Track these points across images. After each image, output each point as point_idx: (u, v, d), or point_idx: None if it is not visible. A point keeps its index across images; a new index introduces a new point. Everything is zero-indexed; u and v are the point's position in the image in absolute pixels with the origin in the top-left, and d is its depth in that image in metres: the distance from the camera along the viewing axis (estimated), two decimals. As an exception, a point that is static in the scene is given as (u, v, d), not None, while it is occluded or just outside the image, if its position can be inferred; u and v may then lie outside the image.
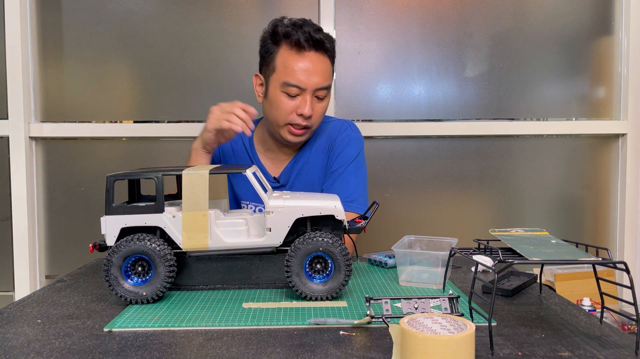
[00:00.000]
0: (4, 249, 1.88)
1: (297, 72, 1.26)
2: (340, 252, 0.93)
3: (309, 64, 1.27)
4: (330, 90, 1.34)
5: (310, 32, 1.26)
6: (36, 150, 1.88)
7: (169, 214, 0.94)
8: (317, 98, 1.30)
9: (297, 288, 0.93)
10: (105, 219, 0.95)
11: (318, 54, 1.29)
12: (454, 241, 1.10)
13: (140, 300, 0.93)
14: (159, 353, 0.71)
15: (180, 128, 1.88)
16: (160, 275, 0.93)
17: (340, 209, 0.96)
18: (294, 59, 1.27)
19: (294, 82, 1.26)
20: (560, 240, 0.87)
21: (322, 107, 1.32)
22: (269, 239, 0.95)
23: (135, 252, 0.93)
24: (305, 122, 1.30)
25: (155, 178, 0.95)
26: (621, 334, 0.78)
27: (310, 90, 1.28)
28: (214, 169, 0.96)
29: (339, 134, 1.41)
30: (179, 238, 0.94)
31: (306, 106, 1.27)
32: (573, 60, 1.94)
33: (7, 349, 0.73)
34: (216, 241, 0.95)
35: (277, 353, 0.71)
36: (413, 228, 1.90)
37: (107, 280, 0.93)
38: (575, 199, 1.98)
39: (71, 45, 1.87)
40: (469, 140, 1.93)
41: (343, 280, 0.93)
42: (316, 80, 1.27)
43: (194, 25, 1.87)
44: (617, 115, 1.96)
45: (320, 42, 1.28)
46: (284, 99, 1.28)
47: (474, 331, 0.62)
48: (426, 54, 1.91)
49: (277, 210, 0.95)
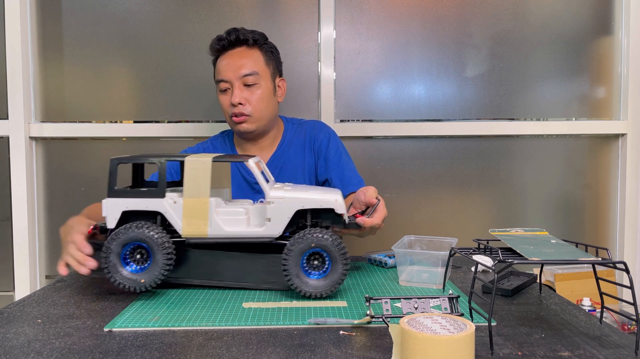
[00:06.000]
0: (4, 249, 1.88)
1: (221, 69, 1.42)
2: (333, 243, 0.93)
3: (229, 59, 1.41)
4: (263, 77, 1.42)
5: (227, 37, 1.42)
6: (36, 150, 1.88)
7: (170, 200, 0.94)
8: (247, 86, 1.41)
9: (299, 289, 0.93)
10: (107, 201, 0.95)
11: (239, 48, 1.42)
12: (454, 241, 1.10)
13: (139, 288, 0.93)
14: (159, 353, 0.71)
15: (180, 128, 1.88)
16: (159, 263, 0.92)
17: (340, 203, 0.96)
18: (218, 62, 1.45)
19: (219, 77, 1.42)
20: (560, 240, 0.87)
21: (256, 95, 1.41)
22: (268, 229, 0.95)
23: (134, 239, 0.92)
24: (240, 110, 1.39)
25: (159, 163, 0.95)
26: (621, 334, 0.78)
27: (235, 80, 1.40)
28: (217, 157, 0.96)
29: (317, 132, 1.52)
30: (178, 224, 0.94)
31: (235, 95, 1.39)
32: (573, 60, 1.94)
33: (7, 349, 0.73)
34: (216, 229, 0.95)
35: (277, 353, 0.71)
36: (413, 228, 1.90)
37: (105, 267, 0.92)
38: (575, 199, 1.98)
39: (71, 45, 1.87)
40: (469, 140, 1.93)
41: (342, 271, 0.93)
42: (238, 70, 1.40)
43: (194, 25, 1.87)
44: (617, 115, 1.96)
45: (237, 39, 1.42)
46: (221, 97, 1.44)
47: (474, 331, 0.62)
48: (426, 54, 1.91)
49: (277, 201, 0.95)
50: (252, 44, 1.43)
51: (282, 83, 1.52)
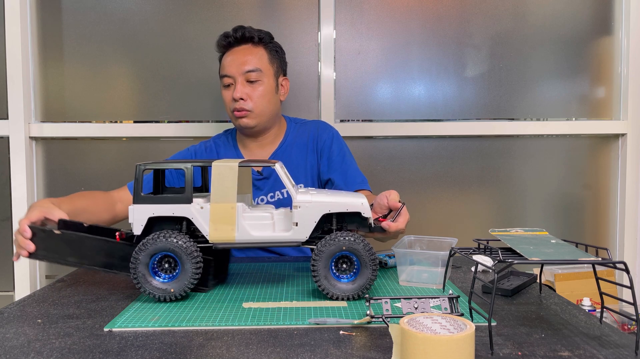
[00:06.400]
0: (4, 249, 1.88)
1: (226, 65, 1.46)
2: (364, 248, 0.93)
3: (234, 56, 1.45)
4: (266, 74, 1.45)
5: (234, 34, 1.46)
6: (36, 150, 1.88)
7: (197, 205, 0.94)
8: (250, 82, 1.44)
9: (327, 291, 0.93)
10: (134, 208, 0.95)
11: (244, 46, 1.46)
12: (454, 241, 1.10)
13: (169, 297, 0.93)
14: (159, 353, 0.71)
15: (180, 128, 1.88)
16: (188, 272, 0.93)
17: (366, 206, 0.96)
18: (224, 58, 1.48)
19: (223, 72, 1.46)
20: (560, 240, 0.87)
21: (258, 91, 1.44)
22: (295, 234, 0.95)
23: (162, 250, 0.92)
24: (242, 106, 1.43)
25: (185, 169, 0.95)
26: (621, 334, 0.78)
27: (238, 76, 1.43)
28: (243, 162, 0.97)
29: (321, 132, 1.54)
30: (205, 229, 0.94)
31: (237, 90, 1.42)
32: (573, 60, 1.93)
33: (7, 349, 0.73)
34: (243, 233, 0.95)
35: (277, 353, 0.71)
36: (413, 228, 1.89)
37: (134, 278, 0.92)
38: (575, 199, 1.98)
39: (71, 45, 1.86)
40: (469, 140, 1.93)
41: (371, 276, 0.93)
42: (241, 66, 1.43)
43: (194, 25, 1.87)
44: (617, 115, 1.96)
45: (242, 36, 1.45)
46: (224, 92, 1.47)
47: (474, 331, 0.62)
48: (426, 53, 1.91)
49: (304, 205, 0.95)
50: (257, 42, 1.47)
51: (285, 83, 1.54)
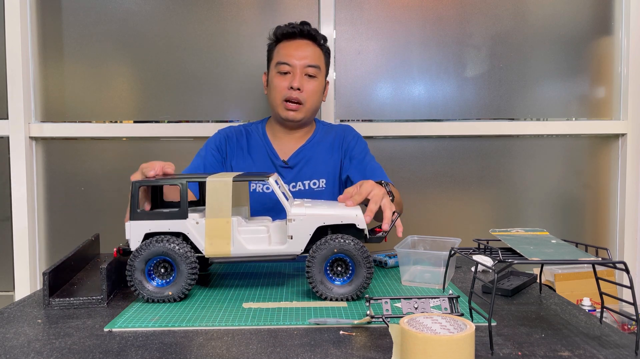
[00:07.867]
0: (4, 249, 1.88)
1: (287, 53, 1.46)
2: (355, 248, 0.93)
3: (298, 46, 1.46)
4: (321, 73, 1.48)
5: (300, 26, 1.47)
6: (36, 150, 1.88)
7: (192, 220, 0.95)
8: (308, 76, 1.46)
9: (324, 296, 0.94)
10: (130, 224, 0.96)
11: (307, 40, 1.48)
12: (457, 241, 1.10)
13: (167, 299, 0.94)
14: (159, 353, 0.71)
15: (180, 128, 1.88)
16: (184, 274, 0.93)
17: (361, 218, 0.97)
18: (285, 45, 1.48)
19: (283, 60, 1.45)
20: (560, 240, 0.87)
21: (313, 86, 1.46)
22: (290, 247, 0.96)
23: (156, 254, 0.94)
24: (297, 96, 1.44)
25: (180, 185, 0.96)
26: (621, 334, 0.78)
27: (299, 67, 1.44)
28: (237, 177, 0.97)
29: (346, 134, 1.57)
30: (201, 244, 0.95)
31: (296, 80, 1.43)
32: (573, 60, 1.93)
33: (7, 349, 0.73)
34: (238, 247, 0.95)
35: (277, 353, 0.71)
36: (413, 228, 1.90)
37: (131, 284, 0.93)
38: (575, 199, 1.98)
39: (71, 45, 1.86)
40: (469, 140, 1.93)
41: (367, 274, 0.94)
42: (304, 59, 1.45)
43: (194, 25, 1.87)
44: (617, 115, 1.96)
45: (308, 32, 1.47)
46: (279, 78, 1.46)
47: (474, 331, 0.62)
48: (426, 54, 1.91)
49: (299, 218, 0.95)
50: (318, 42, 1.49)
51: (327, 86, 1.57)
